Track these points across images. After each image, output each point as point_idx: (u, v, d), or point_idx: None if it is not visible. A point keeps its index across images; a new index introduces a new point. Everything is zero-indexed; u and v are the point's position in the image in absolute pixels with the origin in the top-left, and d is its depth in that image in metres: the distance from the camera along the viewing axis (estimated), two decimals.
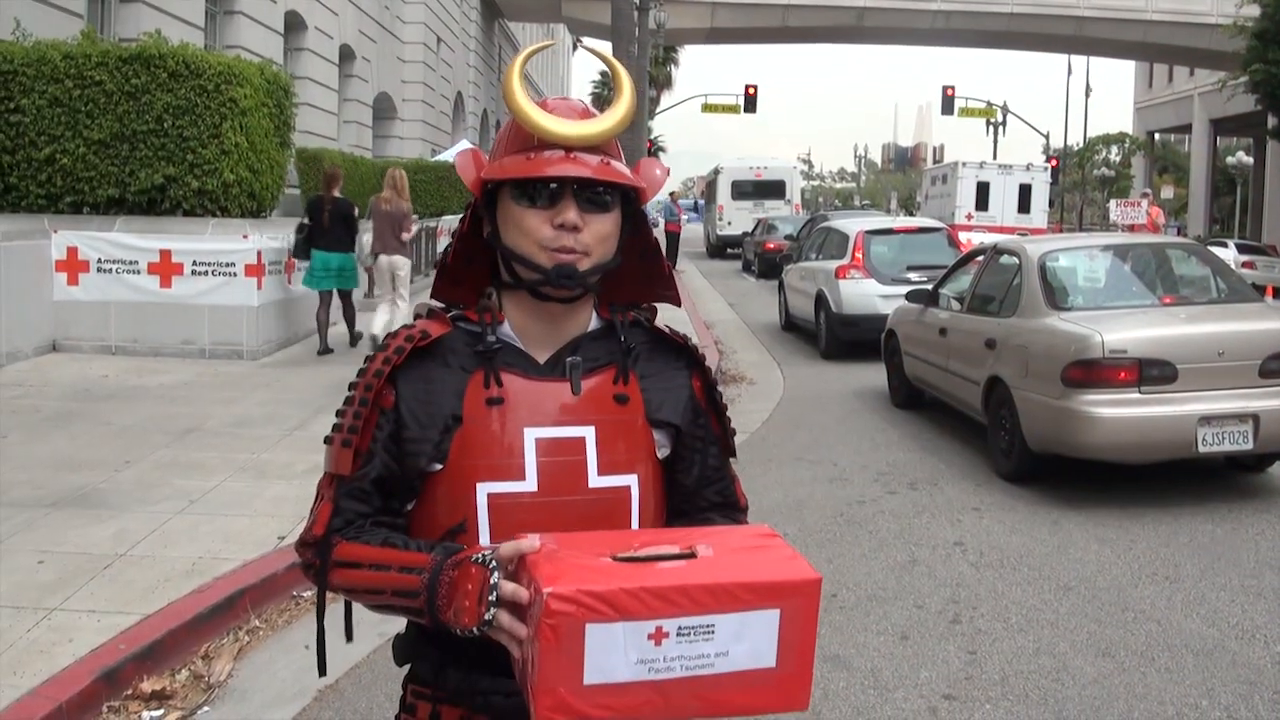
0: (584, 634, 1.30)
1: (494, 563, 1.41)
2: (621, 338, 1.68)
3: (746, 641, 1.36)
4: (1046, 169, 32.83)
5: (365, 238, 11.65)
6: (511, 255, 1.61)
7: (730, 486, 1.79)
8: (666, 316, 1.85)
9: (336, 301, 11.67)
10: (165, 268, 10.69)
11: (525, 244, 1.59)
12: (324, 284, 11.28)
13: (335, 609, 1.70)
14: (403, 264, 11.16)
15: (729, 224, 36.58)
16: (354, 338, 11.77)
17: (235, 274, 10.74)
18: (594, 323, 1.71)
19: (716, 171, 39.00)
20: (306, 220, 11.32)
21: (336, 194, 11.40)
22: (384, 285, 11.28)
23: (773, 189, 36.83)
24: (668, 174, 1.78)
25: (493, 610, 1.39)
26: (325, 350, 11.24)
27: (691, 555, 1.41)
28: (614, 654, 1.32)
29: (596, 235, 1.59)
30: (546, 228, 1.58)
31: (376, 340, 9.96)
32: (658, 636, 1.32)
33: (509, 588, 1.39)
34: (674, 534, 1.51)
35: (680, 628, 1.33)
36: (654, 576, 1.34)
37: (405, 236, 11.19)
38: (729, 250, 37.08)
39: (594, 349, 1.67)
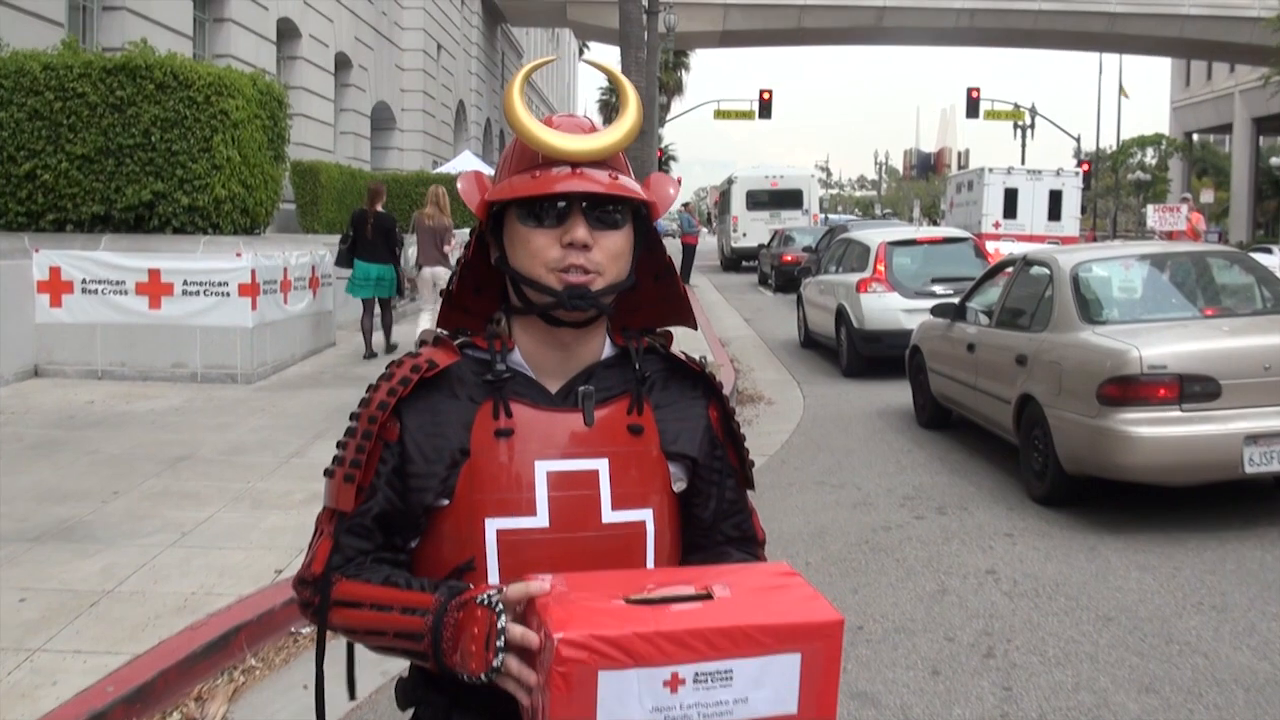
0: (597, 681, 1.30)
1: (500, 605, 1.41)
2: (636, 365, 1.69)
3: (767, 687, 1.36)
4: (1078, 174, 32.76)
5: (410, 250, 13.46)
6: (520, 278, 1.62)
7: (748, 520, 1.80)
8: (679, 334, 1.86)
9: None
10: (154, 288, 10.75)
11: (534, 266, 1.60)
12: (365, 292, 12.90)
13: (336, 650, 1.70)
14: (444, 275, 12.43)
15: (744, 236, 36.71)
16: (389, 345, 13.24)
17: (228, 294, 10.79)
18: (607, 349, 1.72)
19: (730, 181, 39.15)
20: (350, 232, 12.88)
21: (379, 209, 12.95)
22: (427, 294, 13.02)
23: (789, 198, 36.91)
24: (679, 188, 1.79)
25: (501, 656, 1.39)
26: (370, 355, 12.78)
27: (708, 596, 1.41)
28: (628, 702, 1.31)
29: (608, 253, 1.60)
30: (555, 248, 1.59)
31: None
32: (674, 683, 1.32)
33: (517, 631, 1.39)
34: (689, 573, 1.51)
35: (697, 674, 1.33)
36: (669, 620, 1.34)
37: (447, 249, 12.77)
38: (744, 263, 37.16)
39: (607, 378, 1.68)
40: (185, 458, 7.80)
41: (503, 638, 1.39)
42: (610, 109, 60.21)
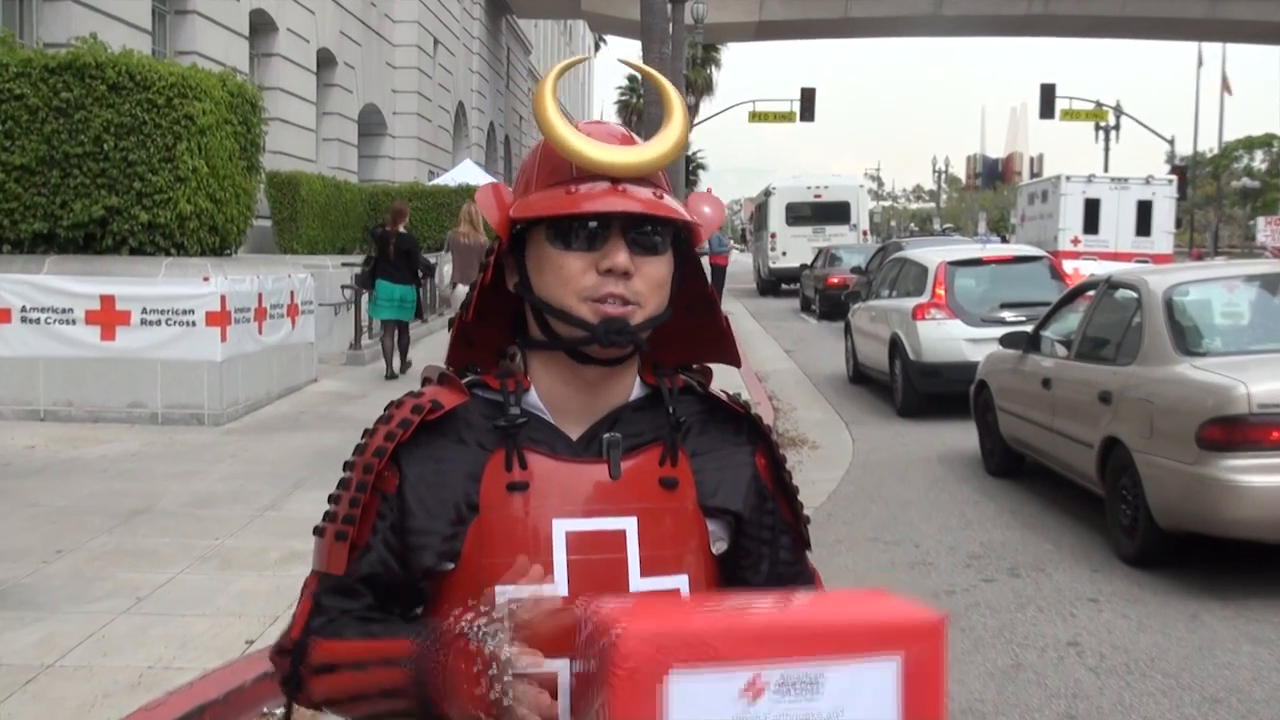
0: (665, 685, 1.27)
1: (491, 634, 1.41)
2: (669, 408, 1.69)
3: (862, 698, 1.34)
4: (1171, 182, 32.72)
5: (445, 268, 15.59)
6: (546, 308, 1.62)
7: (810, 586, 1.80)
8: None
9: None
10: (107, 316, 10.82)
11: (564, 294, 1.59)
12: (387, 313, 14.38)
13: None
14: None
15: (783, 255, 36.84)
16: (404, 365, 14.60)
17: (194, 323, 10.85)
18: (636, 390, 1.72)
19: (768, 193, 39.32)
20: (373, 253, 14.50)
21: (401, 229, 14.51)
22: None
23: (835, 212, 37.00)
24: (723, 210, 1.79)
25: (509, 694, 1.38)
26: (391, 375, 14.18)
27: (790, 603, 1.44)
28: (702, 711, 1.29)
29: (650, 282, 1.61)
30: (590, 274, 1.58)
31: None
32: (754, 690, 1.30)
33: (524, 660, 1.39)
34: (759, 596, 1.50)
35: (781, 679, 1.31)
36: (749, 617, 1.36)
37: None
38: (783, 286, 37.25)
39: (637, 423, 1.68)
40: (142, 511, 7.80)
41: (508, 669, 1.38)
42: (630, 111, 60.60)
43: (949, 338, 13.04)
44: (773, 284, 38.10)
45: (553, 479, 1.62)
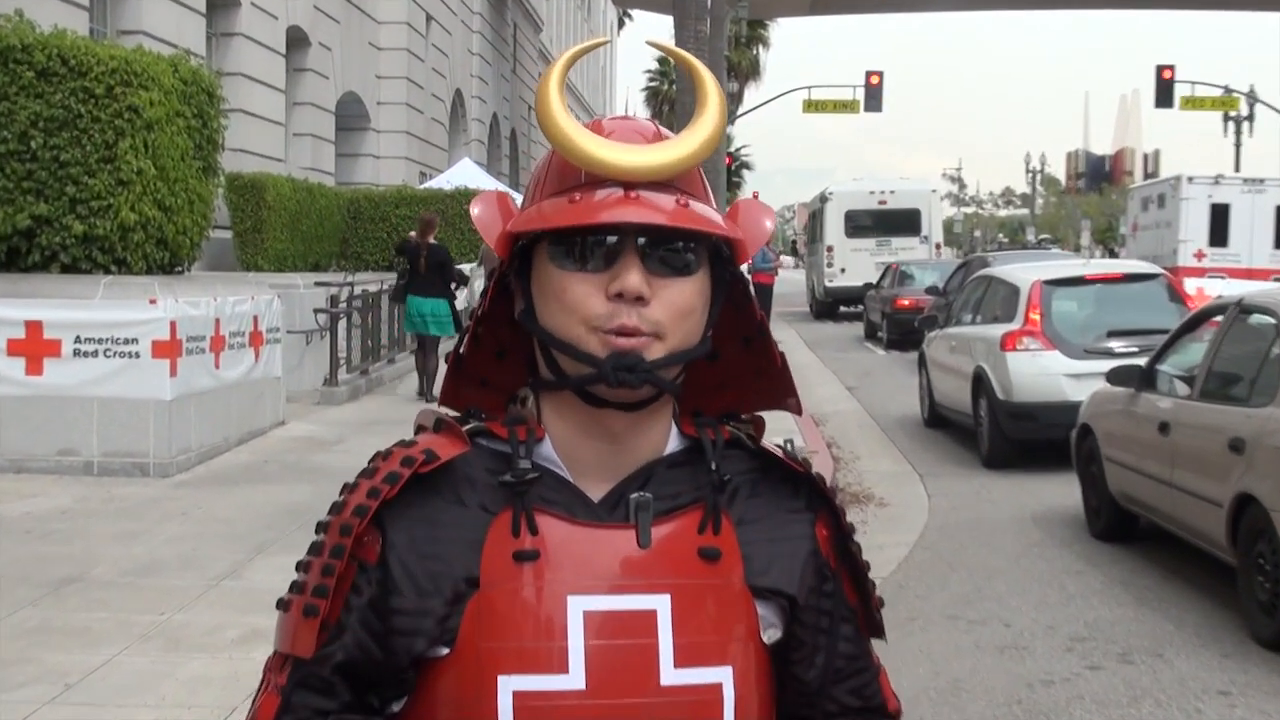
0: None
1: None
2: (712, 465, 1.67)
3: None
4: None
5: (476, 284, 17.58)
6: (551, 341, 1.61)
7: (873, 683, 1.79)
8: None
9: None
10: (33, 346, 10.84)
11: (570, 323, 1.59)
12: (420, 328, 16.23)
13: None
14: None
15: (841, 271, 36.99)
16: (430, 391, 15.69)
17: (138, 355, 10.86)
18: (673, 442, 1.71)
19: (823, 199, 39.41)
20: (406, 266, 16.45)
21: (431, 240, 16.33)
22: None
23: (902, 221, 37.09)
24: (774, 219, 1.79)
25: None
26: (422, 395, 15.83)
27: None
28: None
29: (672, 309, 1.59)
30: (599, 299, 1.58)
31: None
32: None
33: None
34: None
35: None
36: None
37: None
38: (841, 308, 37.25)
39: (672, 481, 1.67)
40: (74, 579, 7.80)
41: None
42: (660, 100, 60.82)
43: (1045, 373, 12.98)
44: (829, 306, 38.11)
45: (569, 548, 1.60)
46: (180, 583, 7.80)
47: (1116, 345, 12.66)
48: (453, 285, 16.73)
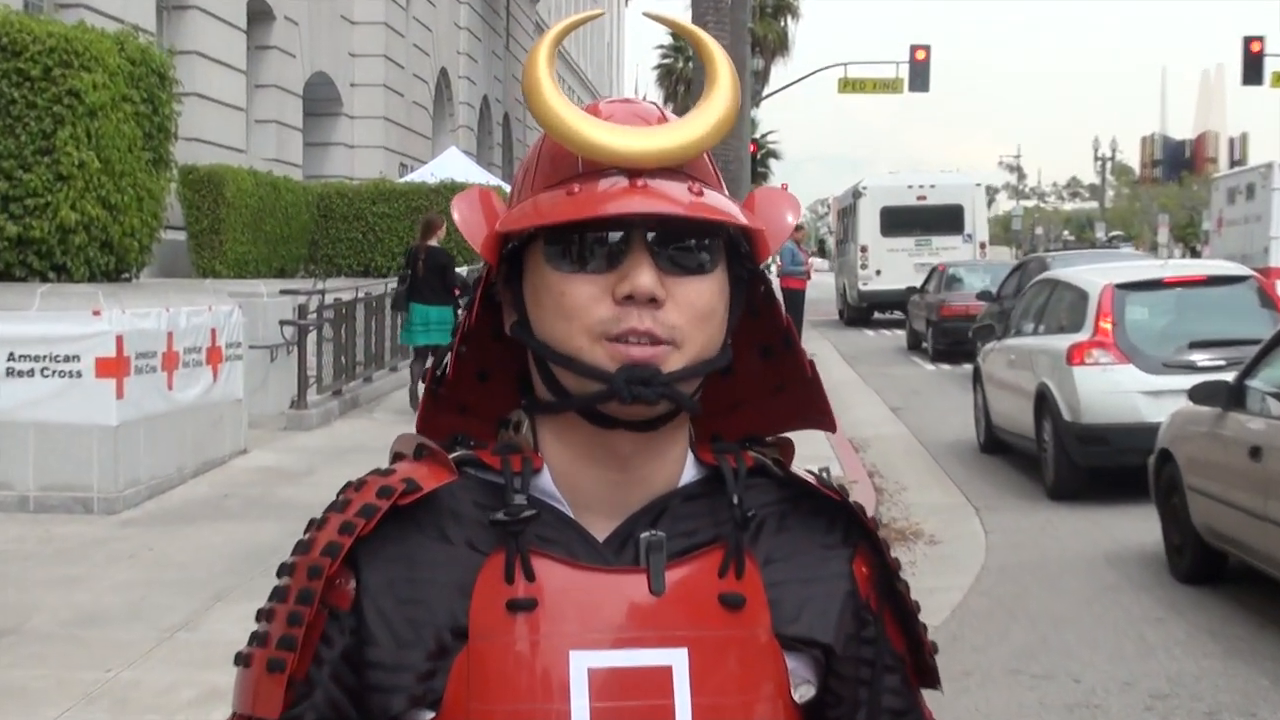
0: None
1: None
2: (734, 497, 1.66)
3: None
4: None
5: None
6: (549, 353, 1.60)
7: None
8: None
9: None
10: None
11: (571, 333, 1.58)
12: (419, 339, 16.64)
13: None
14: None
15: (877, 273, 37.62)
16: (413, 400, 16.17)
17: (80, 374, 10.89)
18: (688, 471, 1.70)
19: (856, 193, 39.96)
20: (407, 270, 16.84)
21: (433, 243, 16.81)
22: None
23: (943, 218, 37.61)
24: (798, 210, 1.79)
25: None
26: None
27: None
28: None
29: (690, 312, 1.58)
30: (605, 303, 1.57)
31: None
32: None
33: None
34: None
35: None
36: None
37: None
38: (876, 314, 37.78)
39: (688, 517, 1.67)
40: (7, 631, 7.82)
41: None
42: (674, 79, 61.01)
43: (1118, 390, 13.03)
44: (862, 312, 38.68)
45: (571, 595, 1.60)
46: (128, 635, 7.81)
47: (1200, 358, 12.72)
48: (455, 292, 16.92)
